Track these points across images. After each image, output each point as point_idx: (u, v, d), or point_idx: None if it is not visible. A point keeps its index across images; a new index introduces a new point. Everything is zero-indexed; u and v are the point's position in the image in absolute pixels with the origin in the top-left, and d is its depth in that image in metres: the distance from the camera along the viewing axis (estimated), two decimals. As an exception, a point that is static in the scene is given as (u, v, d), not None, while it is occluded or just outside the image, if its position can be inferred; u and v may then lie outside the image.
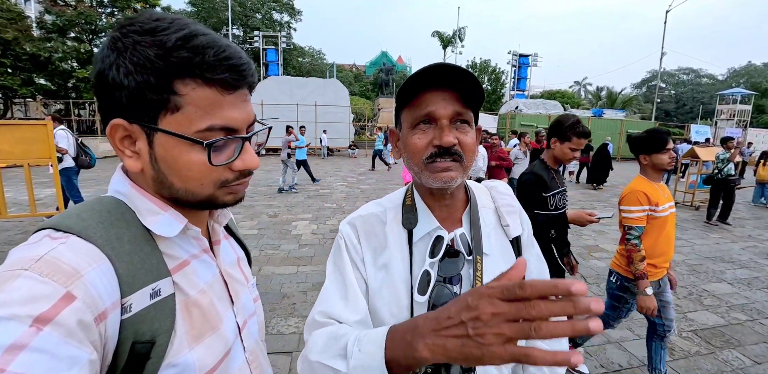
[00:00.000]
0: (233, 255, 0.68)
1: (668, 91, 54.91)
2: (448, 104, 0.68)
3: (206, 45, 0.47)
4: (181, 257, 0.55)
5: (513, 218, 0.81)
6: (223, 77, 0.48)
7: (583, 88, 52.53)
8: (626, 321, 3.11)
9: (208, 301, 0.56)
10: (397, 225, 0.78)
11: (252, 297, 0.69)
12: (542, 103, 26.61)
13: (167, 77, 0.46)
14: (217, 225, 0.64)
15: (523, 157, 6.29)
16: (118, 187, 0.54)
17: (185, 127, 0.48)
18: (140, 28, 0.46)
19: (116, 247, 0.47)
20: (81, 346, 0.39)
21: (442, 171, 0.69)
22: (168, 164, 0.50)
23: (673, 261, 4.57)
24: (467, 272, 0.73)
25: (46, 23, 21.28)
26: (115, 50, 0.46)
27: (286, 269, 4.06)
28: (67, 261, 0.42)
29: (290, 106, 18.33)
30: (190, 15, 34.23)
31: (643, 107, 41.09)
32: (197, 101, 0.47)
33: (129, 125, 0.48)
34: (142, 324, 0.47)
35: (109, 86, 0.47)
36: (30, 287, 0.39)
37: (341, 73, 46.55)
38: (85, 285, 0.42)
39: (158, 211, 0.53)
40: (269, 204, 7.31)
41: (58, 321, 0.38)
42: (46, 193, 7.52)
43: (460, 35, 37.34)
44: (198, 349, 0.52)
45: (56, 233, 0.46)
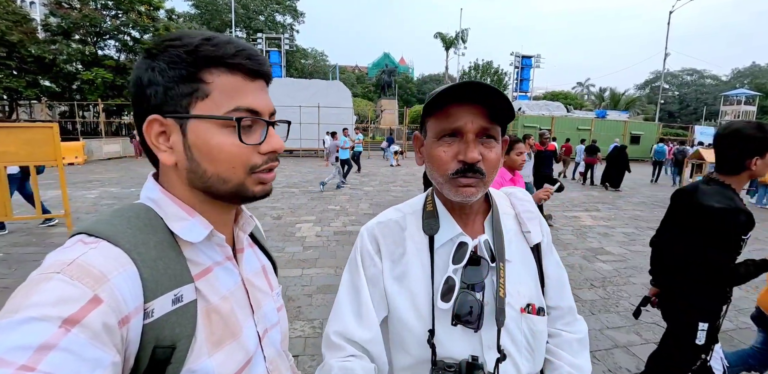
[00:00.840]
0: (257, 263, 0.69)
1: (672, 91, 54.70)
2: (476, 119, 0.68)
3: (226, 41, 0.53)
4: (205, 264, 0.56)
5: (533, 224, 0.81)
6: (244, 63, 0.53)
7: (586, 90, 52.41)
8: (633, 324, 3.10)
9: (229, 309, 0.57)
10: (418, 231, 0.78)
11: (276, 307, 0.69)
12: (545, 104, 26.56)
13: (196, 68, 0.51)
14: (241, 233, 0.65)
15: (528, 159, 6.27)
16: (149, 193, 0.57)
17: (213, 111, 0.52)
18: (170, 37, 0.53)
19: (142, 252, 0.48)
20: (105, 349, 0.41)
21: (465, 187, 0.69)
22: (200, 149, 0.52)
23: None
24: (490, 279, 0.73)
25: (51, 26, 21.44)
26: (150, 56, 0.52)
27: (290, 272, 4.05)
28: (96, 266, 0.44)
29: (293, 108, 18.36)
30: (193, 17, 34.43)
31: (647, 108, 40.98)
32: (222, 87, 0.52)
33: (164, 119, 0.52)
34: (163, 329, 0.48)
35: (144, 86, 0.52)
36: (61, 289, 0.40)
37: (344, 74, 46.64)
38: (112, 288, 0.43)
39: (185, 217, 0.55)
40: (273, 205, 7.31)
41: (85, 323, 0.40)
42: (50, 195, 7.55)
43: (463, 37, 37.37)
44: (217, 356, 0.53)
45: (88, 238, 0.48)
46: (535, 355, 0.75)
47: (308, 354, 2.61)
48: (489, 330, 0.70)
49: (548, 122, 20.48)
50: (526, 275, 0.77)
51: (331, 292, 3.57)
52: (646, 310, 3.31)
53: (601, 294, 3.70)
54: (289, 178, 11.40)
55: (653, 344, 2.82)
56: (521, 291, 0.74)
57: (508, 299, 0.71)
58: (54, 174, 0.91)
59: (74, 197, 7.60)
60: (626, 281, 4.07)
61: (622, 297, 3.64)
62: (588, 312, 3.31)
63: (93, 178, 10.59)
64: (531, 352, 0.74)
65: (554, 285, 0.82)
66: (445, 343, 0.70)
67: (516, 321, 0.72)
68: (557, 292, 0.82)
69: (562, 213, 7.47)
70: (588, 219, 6.98)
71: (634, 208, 8.21)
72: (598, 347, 2.77)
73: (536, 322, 0.74)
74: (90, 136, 19.24)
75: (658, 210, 7.96)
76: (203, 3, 35.35)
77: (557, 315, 0.83)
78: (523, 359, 0.73)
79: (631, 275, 4.26)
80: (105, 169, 12.99)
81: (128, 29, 23.90)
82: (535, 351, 0.74)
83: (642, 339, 2.89)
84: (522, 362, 0.73)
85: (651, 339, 2.88)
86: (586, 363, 0.80)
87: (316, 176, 12.09)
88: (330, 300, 3.41)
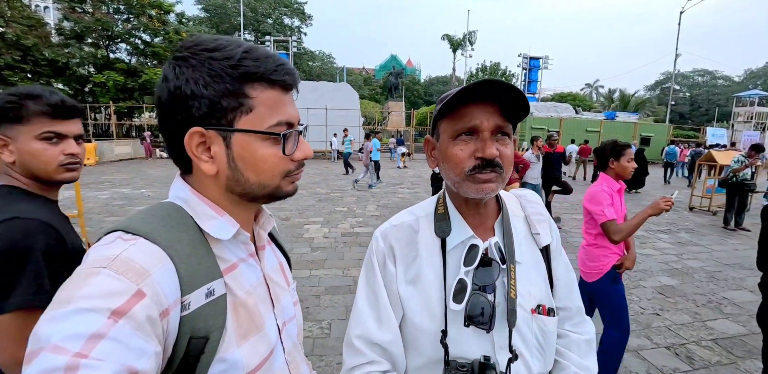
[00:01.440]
0: (275, 260, 0.72)
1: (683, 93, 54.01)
2: (491, 117, 0.69)
3: (266, 55, 0.55)
4: (231, 260, 0.59)
5: (543, 227, 0.82)
6: (284, 79, 0.56)
7: (595, 91, 51.98)
8: (645, 329, 3.07)
9: (253, 303, 0.60)
10: (430, 234, 0.79)
11: (292, 301, 0.72)
12: (553, 105, 26.41)
13: (240, 84, 0.53)
14: (262, 231, 0.68)
15: (536, 161, 6.24)
16: (178, 192, 0.59)
17: (258, 125, 0.55)
18: (208, 46, 0.53)
19: (177, 249, 0.51)
20: (148, 339, 0.43)
21: (484, 182, 0.70)
22: (245, 160, 0.55)
23: (690, 268, 4.49)
24: (501, 281, 0.74)
25: (64, 30, 21.88)
26: (190, 67, 0.52)
27: (298, 273, 4.08)
28: (138, 261, 0.46)
29: (301, 110, 18.32)
30: (202, 20, 34.90)
31: (657, 109, 40.49)
32: (266, 101, 0.55)
33: (206, 131, 0.54)
34: (198, 321, 0.51)
35: (187, 98, 0.52)
36: (108, 283, 0.43)
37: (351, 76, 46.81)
38: (153, 283, 0.46)
39: (215, 216, 0.57)
40: (281, 207, 7.36)
41: (131, 315, 0.42)
42: (64, 195, 7.70)
43: (470, 39, 37.32)
44: (244, 347, 0.55)
45: (126, 235, 0.50)
46: (546, 355, 0.76)
47: (316, 354, 2.62)
48: (501, 331, 0.71)
49: (557, 124, 20.34)
50: (536, 276, 0.78)
51: (339, 293, 3.59)
52: (657, 314, 3.30)
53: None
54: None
55: (664, 348, 2.80)
56: (532, 292, 0.75)
57: (519, 300, 0.72)
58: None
59: (86, 197, 7.73)
60: (636, 285, 4.03)
61: (632, 300, 3.60)
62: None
63: (104, 179, 10.76)
64: (542, 352, 0.75)
65: (563, 287, 0.83)
66: (457, 343, 0.71)
67: (527, 321, 0.73)
68: (566, 293, 0.83)
69: (571, 215, 7.41)
70: (597, 222, 6.90)
71: (644, 211, 8.11)
72: (608, 351, 2.74)
73: (547, 323, 0.75)
74: (101, 138, 19.57)
75: (669, 214, 7.86)
76: (212, 6, 35.82)
77: (566, 316, 0.83)
78: (534, 359, 0.74)
79: (642, 278, 4.22)
80: (116, 170, 13.19)
81: (139, 33, 24.31)
82: (546, 351, 0.75)
83: (653, 344, 2.86)
84: (533, 362, 0.73)
85: (662, 344, 2.85)
86: (594, 364, 0.80)
87: (323, 177, 12.16)
88: (338, 301, 3.43)
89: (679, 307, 3.50)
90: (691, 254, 5.17)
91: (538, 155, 6.26)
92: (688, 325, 3.16)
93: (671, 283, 4.09)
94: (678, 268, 4.59)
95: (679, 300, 3.66)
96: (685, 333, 3.03)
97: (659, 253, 5.16)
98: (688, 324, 3.18)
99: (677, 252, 5.21)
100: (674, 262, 4.80)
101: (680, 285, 4.03)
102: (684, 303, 3.59)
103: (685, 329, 3.09)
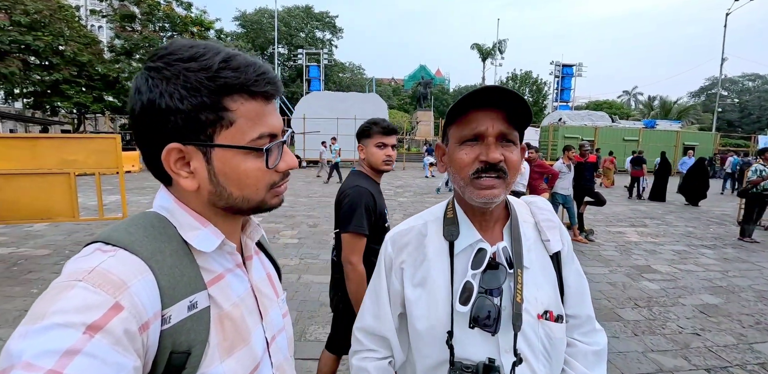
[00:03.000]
0: (263, 271, 0.70)
1: (731, 99, 50.78)
2: (496, 123, 0.71)
3: (245, 64, 0.52)
4: (217, 271, 0.57)
5: (553, 233, 0.82)
6: (266, 90, 0.53)
7: (633, 98, 49.92)
8: (682, 349, 2.89)
9: (240, 315, 0.58)
10: (438, 238, 0.82)
11: (281, 313, 0.70)
12: (588, 114, 25.61)
13: (219, 96, 0.50)
14: (249, 240, 0.67)
15: (567, 171, 6.07)
16: (162, 202, 0.57)
17: (239, 139, 0.52)
18: (182, 56, 0.50)
19: (159, 261, 0.49)
20: (126, 354, 0.42)
21: (487, 188, 0.72)
22: (227, 176, 0.53)
23: (737, 287, 4.18)
24: (507, 285, 0.75)
25: (115, 47, 23.60)
26: (164, 79, 0.49)
27: (325, 278, 4.13)
28: (116, 273, 0.45)
29: (330, 120, 18.91)
30: (240, 36, 36.64)
31: (702, 117, 38.24)
32: (246, 114, 0.52)
33: (184, 147, 0.51)
34: (179, 334, 0.49)
35: (162, 113, 0.49)
36: (83, 297, 0.41)
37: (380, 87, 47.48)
38: (132, 296, 0.44)
39: (198, 227, 0.56)
40: (309, 214, 7.52)
41: (107, 329, 0.40)
42: (110, 199, 8.23)
43: (500, 47, 37.01)
44: (229, 362, 0.54)
45: (106, 246, 0.49)
46: (553, 361, 0.76)
47: (338, 360, 2.66)
48: (506, 334, 0.72)
49: (591, 133, 19.68)
50: (544, 282, 0.78)
51: (363, 301, 3.61)
52: (696, 334, 3.10)
53: (645, 315, 3.48)
54: (324, 188, 11.68)
55: (703, 370, 2.62)
56: (539, 297, 0.76)
57: (525, 305, 0.73)
58: (115, 181, 1.02)
59: (130, 202, 8.22)
60: (675, 302, 3.81)
61: (670, 318, 3.41)
62: (630, 332, 3.13)
63: (147, 185, 11.42)
64: (548, 358, 0.75)
65: (574, 294, 0.83)
66: (463, 345, 0.73)
67: (533, 326, 0.74)
68: (577, 301, 0.83)
69: (605, 228, 7.11)
70: (634, 235, 6.59)
71: (686, 224, 7.66)
72: (640, 370, 2.61)
73: (554, 329, 0.75)
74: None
75: (714, 227, 7.39)
76: (249, 22, 37.61)
77: (575, 324, 0.83)
78: (540, 365, 0.74)
79: (681, 296, 3.98)
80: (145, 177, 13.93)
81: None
82: (553, 357, 0.76)
83: (690, 365, 2.69)
84: (539, 367, 0.74)
85: (701, 366, 2.68)
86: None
87: (351, 186, 12.28)
88: (361, 309, 3.45)
89: (722, 328, 3.27)
90: (739, 271, 4.82)
91: (569, 165, 6.09)
92: (731, 347, 2.95)
93: (714, 302, 3.83)
94: (723, 286, 4.29)
95: (722, 320, 3.42)
96: (728, 355, 2.83)
97: (702, 270, 4.85)
98: (732, 345, 2.97)
99: (722, 269, 4.88)
100: (719, 280, 4.49)
101: (724, 304, 3.77)
102: (728, 324, 3.35)
103: (728, 351, 2.88)
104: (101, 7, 24.42)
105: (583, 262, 5.00)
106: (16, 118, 19.77)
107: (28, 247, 5.05)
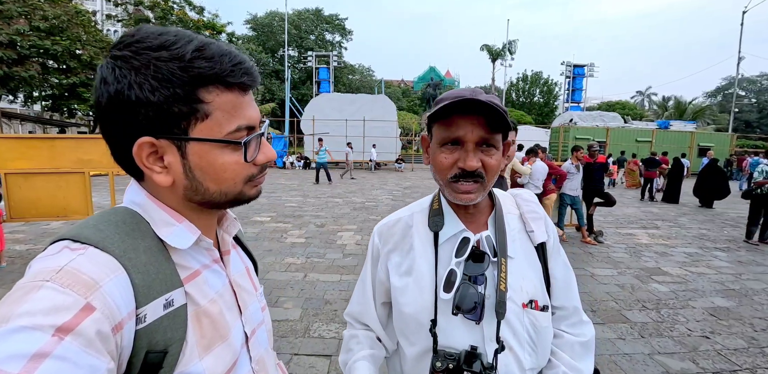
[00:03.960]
0: (241, 265, 0.69)
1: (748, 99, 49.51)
2: (476, 129, 0.72)
3: (220, 53, 0.49)
4: (193, 267, 0.56)
5: (538, 224, 0.84)
6: (242, 80, 0.51)
7: (647, 99, 49.06)
8: (690, 352, 2.85)
9: (218, 311, 0.57)
10: (424, 228, 0.84)
11: (260, 306, 0.69)
12: (599, 114, 25.25)
13: (193, 88, 0.48)
14: (226, 235, 0.65)
15: (575, 172, 6.02)
16: (133, 197, 0.55)
17: (216, 132, 0.50)
18: (152, 44, 0.47)
19: (132, 258, 0.47)
20: (99, 356, 0.40)
21: (463, 193, 0.75)
22: (204, 170, 0.51)
23: (750, 290, 4.10)
24: (491, 273, 0.76)
25: (131, 51, 24.17)
26: (132, 69, 0.46)
27: (330, 277, 4.20)
28: (87, 272, 0.43)
29: (340, 122, 19.01)
30: (251, 39, 37.12)
31: (719, 118, 37.39)
32: (223, 106, 0.50)
33: (157, 141, 0.49)
34: (155, 334, 0.47)
35: (132, 105, 0.47)
36: (52, 298, 0.40)
37: (389, 88, 47.56)
38: (104, 295, 0.42)
39: (173, 223, 0.54)
40: (317, 214, 7.59)
41: (78, 331, 0.39)
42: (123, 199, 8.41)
43: (510, 48, 36.77)
44: (207, 359, 0.53)
45: (74, 244, 0.46)
46: (539, 350, 0.77)
47: (342, 357, 2.69)
48: (490, 323, 0.74)
49: (603, 134, 19.39)
50: (530, 272, 0.80)
51: (368, 300, 3.65)
52: (706, 337, 3.05)
53: (653, 317, 3.43)
54: (333, 189, 11.76)
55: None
56: (524, 286, 0.77)
57: (509, 294, 0.75)
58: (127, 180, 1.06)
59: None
60: (684, 304, 3.75)
61: (678, 321, 3.36)
62: (637, 334, 3.09)
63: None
64: (534, 347, 0.77)
65: (561, 286, 0.84)
66: (446, 333, 0.75)
67: (518, 315, 0.75)
68: (563, 292, 0.84)
69: (615, 230, 7.02)
70: (644, 237, 6.49)
71: (699, 227, 7.51)
72: (646, 372, 2.58)
73: (539, 318, 0.77)
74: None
75: (729, 230, 7.23)
76: (260, 26, 38.11)
77: (562, 316, 0.84)
78: (525, 353, 0.76)
79: (691, 298, 3.91)
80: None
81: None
82: (538, 346, 0.77)
83: (698, 368, 2.65)
84: (524, 356, 0.75)
85: (709, 369, 2.63)
86: (587, 367, 0.80)
87: (359, 187, 12.36)
88: (366, 307, 3.48)
89: (733, 331, 3.21)
90: (753, 274, 4.72)
91: (577, 165, 6.04)
92: (742, 351, 2.89)
93: (726, 305, 3.76)
94: (735, 289, 4.21)
95: (733, 324, 3.35)
96: (738, 359, 2.77)
97: (714, 272, 4.75)
98: (743, 349, 2.91)
99: (736, 272, 4.78)
100: (731, 282, 4.41)
101: (736, 308, 3.70)
102: (739, 327, 3.29)
103: (738, 355, 2.83)
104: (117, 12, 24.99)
105: (591, 264, 4.95)
106: (35, 120, 20.32)
107: (45, 244, 5.18)
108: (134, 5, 23.45)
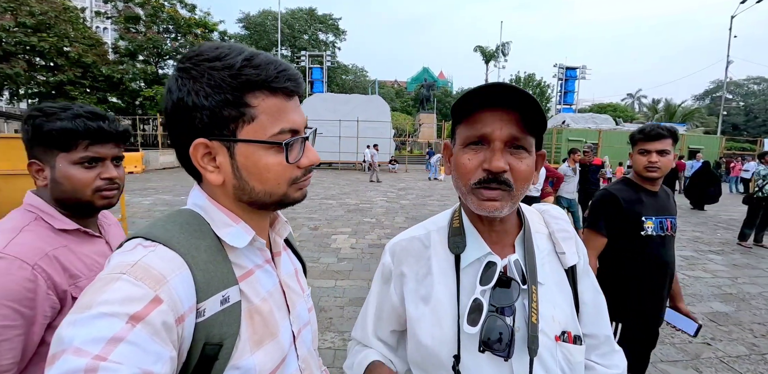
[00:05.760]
0: (291, 266, 0.72)
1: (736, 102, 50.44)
2: (505, 126, 0.63)
3: (267, 62, 0.54)
4: (247, 266, 0.59)
5: (569, 245, 0.75)
6: (286, 86, 0.55)
7: (638, 101, 49.72)
8: (693, 359, 2.80)
9: (268, 309, 0.60)
10: (443, 249, 0.75)
11: (307, 307, 0.71)
12: (591, 117, 25.44)
13: (241, 93, 0.52)
14: (278, 237, 0.68)
15: (572, 174, 6.00)
16: (196, 200, 0.60)
17: (261, 134, 0.54)
18: (208, 56, 0.53)
19: (195, 256, 0.52)
20: (164, 344, 0.44)
21: (487, 200, 0.64)
22: (249, 170, 0.55)
23: (747, 294, 4.09)
24: (521, 302, 0.67)
25: (120, 48, 23.79)
26: (191, 78, 0.52)
27: (324, 282, 4.08)
28: (156, 268, 0.48)
29: (333, 122, 18.89)
30: (243, 38, 36.79)
31: (707, 120, 38.00)
32: (267, 110, 0.54)
33: (210, 142, 0.54)
34: (212, 327, 0.51)
35: (189, 110, 0.52)
36: (127, 289, 0.44)
37: (383, 89, 47.50)
38: (170, 289, 0.47)
39: (231, 223, 0.58)
40: (310, 217, 7.46)
41: (148, 320, 0.43)
42: (111, 202, 8.19)
43: (504, 50, 36.97)
44: (258, 354, 0.56)
45: (146, 242, 0.51)
46: None
47: (337, 366, 2.58)
48: (520, 360, 0.65)
49: (595, 136, 19.55)
50: (561, 299, 0.71)
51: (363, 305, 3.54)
52: (707, 344, 3.01)
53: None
54: (327, 190, 11.63)
55: (716, 382, 2.53)
56: (556, 316, 0.69)
57: (541, 325, 0.66)
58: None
59: (131, 203, 8.19)
60: (684, 309, 3.71)
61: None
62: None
63: (149, 186, 11.39)
64: None
65: (590, 312, 0.75)
66: (471, 371, 0.66)
67: (551, 350, 0.67)
68: (593, 319, 0.75)
69: (610, 232, 7.01)
70: (639, 240, 6.48)
71: (693, 229, 7.53)
72: (651, 382, 2.52)
73: (573, 352, 0.68)
74: (149, 148, 20.85)
75: (722, 232, 7.27)
76: (252, 24, 37.76)
77: (592, 345, 0.76)
78: None
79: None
80: (160, 177, 13.95)
81: (185, 50, 25.91)
82: None
83: (702, 377, 2.60)
84: None
85: (713, 377, 2.59)
86: None
87: (353, 188, 12.26)
88: (362, 314, 3.38)
89: (733, 337, 3.18)
90: (748, 278, 4.72)
91: (574, 168, 6.02)
92: (744, 358, 2.85)
93: (724, 310, 3.73)
94: (733, 293, 4.19)
95: (733, 329, 3.32)
96: (740, 366, 2.73)
97: (711, 276, 4.74)
98: (744, 356, 2.88)
99: (732, 276, 4.77)
100: (728, 286, 4.39)
101: (735, 313, 3.67)
102: (739, 333, 3.26)
103: (741, 362, 2.79)
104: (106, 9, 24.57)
105: (588, 267, 4.91)
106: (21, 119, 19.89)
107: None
108: (124, 2, 23.06)
